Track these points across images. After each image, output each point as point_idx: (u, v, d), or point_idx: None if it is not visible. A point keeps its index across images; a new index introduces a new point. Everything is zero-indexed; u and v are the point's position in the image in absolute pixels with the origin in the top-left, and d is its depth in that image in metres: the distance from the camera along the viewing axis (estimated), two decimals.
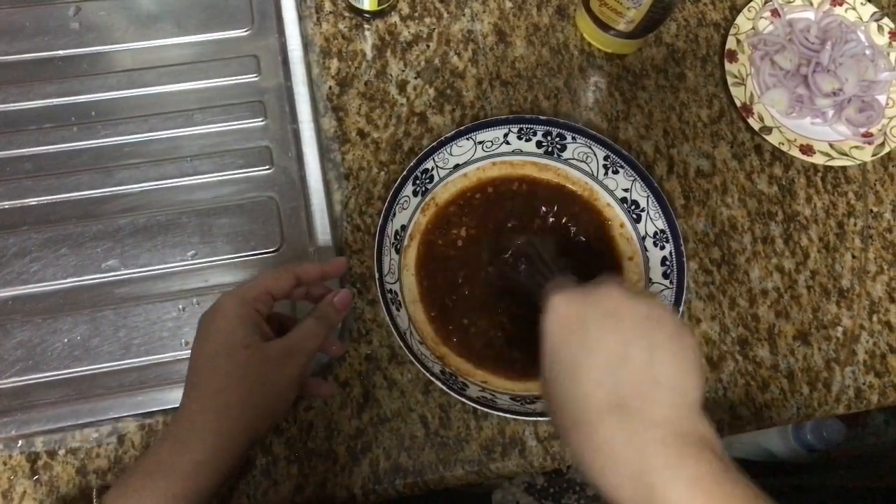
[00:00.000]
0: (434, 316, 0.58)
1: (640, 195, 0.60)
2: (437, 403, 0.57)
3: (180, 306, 0.59)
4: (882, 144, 0.66)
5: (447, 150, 0.60)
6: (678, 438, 0.36)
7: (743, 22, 0.70)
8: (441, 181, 0.60)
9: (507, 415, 0.53)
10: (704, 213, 0.64)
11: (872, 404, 0.61)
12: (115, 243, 0.61)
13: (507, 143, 0.61)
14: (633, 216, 0.60)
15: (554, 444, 0.56)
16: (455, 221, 0.61)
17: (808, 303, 0.62)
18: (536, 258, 0.55)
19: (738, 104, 0.67)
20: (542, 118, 0.61)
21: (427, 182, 0.60)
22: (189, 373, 0.45)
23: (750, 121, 0.66)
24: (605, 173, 0.61)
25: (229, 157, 0.64)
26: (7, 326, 0.58)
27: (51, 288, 0.59)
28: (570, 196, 0.62)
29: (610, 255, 0.61)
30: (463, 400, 0.53)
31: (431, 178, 0.60)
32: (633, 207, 0.60)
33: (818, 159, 0.65)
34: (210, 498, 0.42)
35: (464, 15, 0.68)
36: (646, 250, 0.60)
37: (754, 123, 0.66)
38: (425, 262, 0.59)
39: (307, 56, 0.65)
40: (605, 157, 0.60)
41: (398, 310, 0.56)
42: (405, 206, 0.59)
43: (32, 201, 0.62)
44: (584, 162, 0.61)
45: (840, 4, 0.71)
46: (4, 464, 0.53)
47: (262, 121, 0.65)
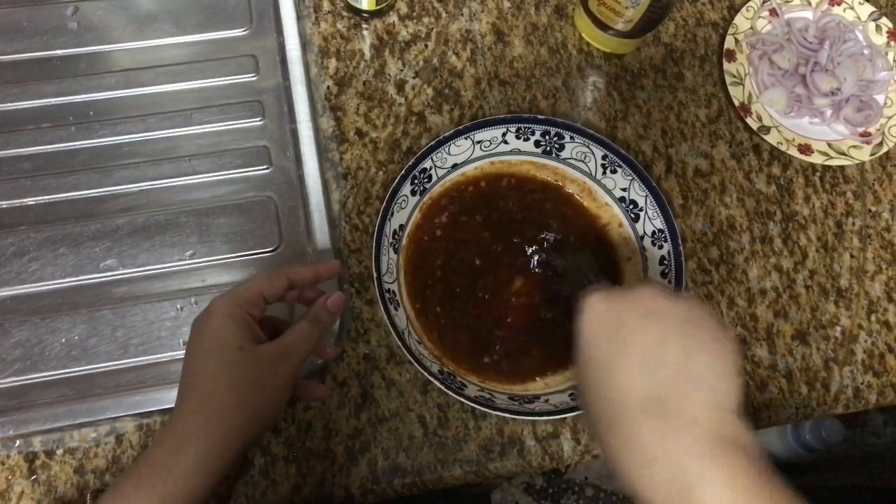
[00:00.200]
0: (429, 315, 0.58)
1: (638, 195, 0.60)
2: (436, 403, 0.57)
3: (178, 306, 0.59)
4: (880, 144, 0.67)
5: (445, 150, 0.60)
6: (714, 440, 0.36)
7: (741, 21, 0.70)
8: (439, 180, 0.60)
9: (505, 414, 0.53)
10: (703, 212, 0.64)
11: (871, 404, 0.61)
12: (113, 243, 0.61)
13: (506, 142, 0.61)
14: (632, 216, 0.60)
15: (552, 443, 0.56)
16: (440, 214, 0.61)
17: (807, 302, 0.62)
18: (581, 265, 0.55)
19: (737, 104, 0.67)
20: (540, 117, 0.61)
21: (425, 181, 0.60)
22: (182, 376, 0.45)
23: (748, 120, 0.66)
24: (604, 173, 0.61)
25: (227, 157, 0.64)
26: (5, 326, 0.58)
27: (49, 287, 0.59)
28: (567, 195, 0.62)
29: (608, 255, 0.61)
30: (461, 400, 0.53)
31: (430, 178, 0.60)
32: (631, 207, 0.60)
33: (816, 159, 0.66)
34: (205, 500, 0.42)
35: (462, 15, 0.68)
36: (644, 250, 0.60)
37: (753, 123, 0.66)
38: (422, 261, 0.59)
39: (305, 56, 0.65)
40: (604, 157, 0.60)
41: (396, 309, 0.56)
42: (403, 206, 0.59)
43: (30, 201, 0.62)
44: (583, 161, 0.61)
45: (838, 4, 0.71)
46: (2, 464, 0.53)
47: (261, 120, 0.65)
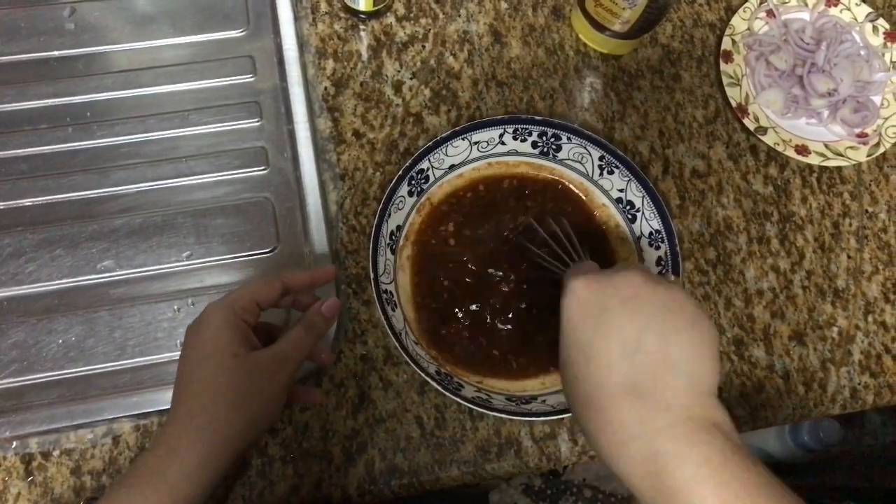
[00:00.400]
0: (427, 316, 0.58)
1: (635, 195, 0.60)
2: (433, 404, 0.57)
3: (175, 307, 0.59)
4: (877, 145, 0.67)
5: (443, 151, 0.60)
6: (690, 422, 0.36)
7: (738, 22, 0.70)
8: (436, 181, 0.60)
9: (502, 415, 0.53)
10: (700, 213, 0.64)
11: (868, 404, 0.61)
12: (110, 244, 0.61)
13: (503, 143, 0.61)
14: (629, 216, 0.60)
15: (549, 444, 0.56)
16: (446, 219, 0.61)
17: (804, 303, 0.62)
18: (562, 238, 0.55)
19: (734, 105, 0.67)
20: (537, 118, 0.61)
21: (423, 182, 0.60)
22: (176, 383, 0.45)
23: (745, 121, 0.66)
24: (601, 173, 0.61)
25: (225, 158, 0.64)
26: (2, 327, 0.57)
27: (46, 288, 0.59)
28: (565, 196, 0.62)
29: (605, 256, 0.61)
30: (458, 400, 0.53)
31: (427, 179, 0.60)
32: (628, 208, 0.60)
33: (813, 160, 0.66)
34: None
35: (459, 16, 0.68)
36: (641, 251, 0.60)
37: (750, 124, 0.66)
38: (419, 262, 0.59)
39: (303, 57, 0.65)
40: (601, 158, 0.61)
41: (393, 310, 0.56)
42: (401, 207, 0.59)
43: (28, 202, 0.62)
44: (580, 162, 0.61)
45: (835, 5, 0.72)
46: None
47: (258, 121, 0.65)
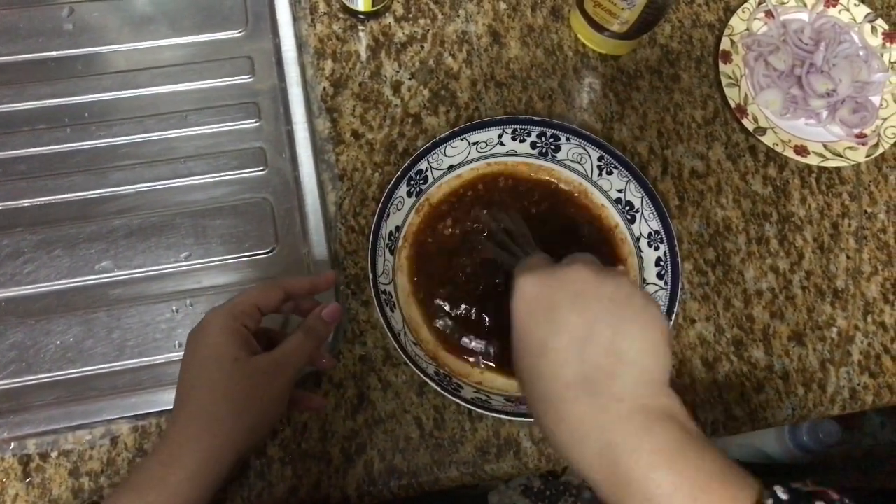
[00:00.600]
0: (426, 315, 0.58)
1: (634, 196, 0.60)
2: (432, 405, 0.56)
3: (174, 308, 0.59)
4: (876, 145, 0.67)
5: (441, 151, 0.60)
6: (642, 412, 0.36)
7: (737, 23, 0.70)
8: (435, 182, 0.60)
9: (501, 416, 0.53)
10: (699, 213, 0.64)
11: (867, 405, 0.61)
12: (108, 245, 0.61)
13: (502, 143, 0.61)
14: (628, 217, 0.60)
15: (548, 445, 0.56)
16: (444, 219, 0.60)
17: (803, 303, 0.62)
18: (508, 233, 0.55)
19: (733, 105, 0.67)
20: (536, 119, 0.61)
21: (421, 183, 0.60)
22: (178, 388, 0.45)
23: (744, 122, 0.66)
24: (600, 174, 0.61)
25: (223, 159, 0.64)
26: (0, 328, 0.57)
27: (44, 289, 0.59)
28: (563, 196, 0.62)
29: (604, 256, 0.61)
30: (457, 401, 0.53)
31: (426, 179, 0.60)
32: (627, 208, 0.60)
33: (812, 160, 0.66)
34: None
35: (458, 16, 0.68)
36: (640, 251, 0.60)
37: (748, 124, 0.66)
38: (417, 262, 0.59)
39: (301, 57, 0.65)
40: (600, 158, 0.60)
41: (392, 311, 0.56)
42: (399, 207, 0.59)
43: (26, 203, 0.62)
44: (579, 163, 0.61)
45: (834, 6, 0.72)
46: None
47: (257, 122, 0.65)
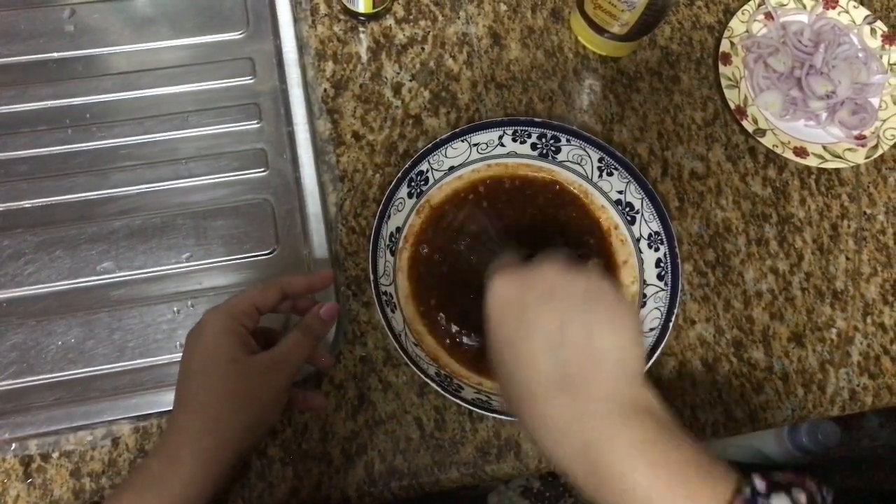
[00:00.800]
0: (425, 314, 0.58)
1: (634, 197, 0.60)
2: (433, 405, 0.57)
3: (175, 309, 0.59)
4: (875, 147, 0.67)
5: (442, 153, 0.60)
6: (619, 409, 0.37)
7: (737, 25, 0.70)
8: (436, 183, 0.61)
9: (502, 417, 0.53)
10: (699, 215, 0.64)
11: (867, 406, 0.61)
12: (109, 245, 0.61)
13: (502, 145, 0.61)
14: (628, 218, 0.61)
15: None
16: (444, 220, 0.61)
17: (803, 304, 0.63)
18: (484, 233, 0.56)
19: (732, 107, 0.67)
20: (536, 120, 0.61)
21: (422, 184, 0.60)
22: (177, 388, 0.45)
23: (744, 123, 0.66)
24: (600, 175, 0.61)
25: (224, 160, 0.64)
26: (1, 329, 0.57)
27: (45, 290, 0.59)
28: (563, 198, 0.62)
29: (604, 258, 0.61)
30: (458, 402, 0.53)
31: (426, 181, 0.60)
32: (627, 209, 0.61)
33: (812, 161, 0.66)
34: None
35: (458, 18, 0.69)
36: (640, 252, 0.60)
37: (748, 126, 0.66)
38: (419, 263, 0.59)
39: (302, 59, 0.65)
40: (600, 160, 0.61)
41: (393, 312, 0.56)
42: (400, 208, 0.59)
43: (27, 204, 0.62)
44: (579, 164, 0.61)
45: (833, 7, 0.72)
46: None
47: (257, 123, 0.65)
